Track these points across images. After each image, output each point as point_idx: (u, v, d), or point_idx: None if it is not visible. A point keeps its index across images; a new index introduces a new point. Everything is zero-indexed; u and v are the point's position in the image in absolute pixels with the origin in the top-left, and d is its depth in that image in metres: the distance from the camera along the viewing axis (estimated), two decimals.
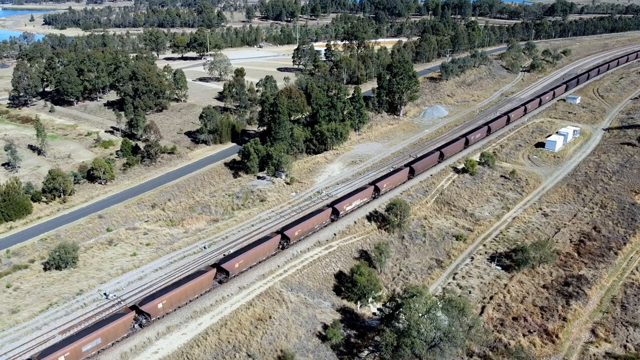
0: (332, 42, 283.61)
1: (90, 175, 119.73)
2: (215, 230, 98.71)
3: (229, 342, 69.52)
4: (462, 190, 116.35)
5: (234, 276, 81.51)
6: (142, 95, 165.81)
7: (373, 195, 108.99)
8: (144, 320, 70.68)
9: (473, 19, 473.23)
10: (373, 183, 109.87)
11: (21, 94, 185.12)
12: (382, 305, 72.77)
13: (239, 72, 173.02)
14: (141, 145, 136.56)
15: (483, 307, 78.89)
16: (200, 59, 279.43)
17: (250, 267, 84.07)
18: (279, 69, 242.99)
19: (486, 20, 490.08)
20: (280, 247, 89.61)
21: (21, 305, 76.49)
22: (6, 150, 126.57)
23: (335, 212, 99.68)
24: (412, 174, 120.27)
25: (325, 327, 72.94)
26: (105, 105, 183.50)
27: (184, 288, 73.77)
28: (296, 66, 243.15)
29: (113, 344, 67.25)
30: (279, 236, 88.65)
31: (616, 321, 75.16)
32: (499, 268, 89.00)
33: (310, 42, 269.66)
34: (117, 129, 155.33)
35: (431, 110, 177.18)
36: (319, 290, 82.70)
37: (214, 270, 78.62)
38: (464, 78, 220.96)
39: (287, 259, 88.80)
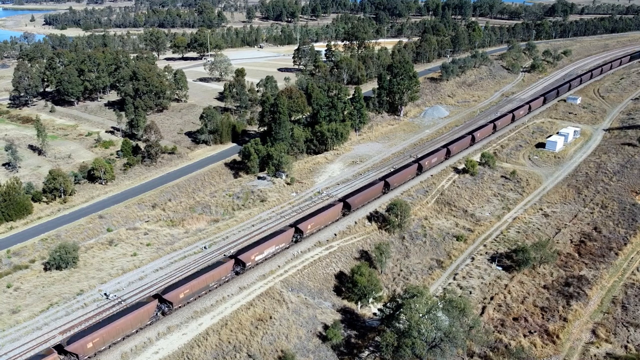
0: (332, 43, 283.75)
1: (91, 175, 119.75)
2: (215, 231, 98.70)
3: (229, 342, 69.51)
4: (462, 191, 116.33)
5: (250, 267, 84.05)
6: (142, 96, 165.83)
7: (383, 191, 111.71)
8: (166, 308, 72.76)
9: (473, 19, 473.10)
10: (383, 179, 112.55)
11: (22, 94, 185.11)
12: (383, 305, 72.73)
13: (240, 73, 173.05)
14: (142, 145, 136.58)
15: (483, 308, 78.85)
16: (201, 59, 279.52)
17: (266, 259, 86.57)
18: (280, 69, 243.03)
19: (486, 20, 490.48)
20: (294, 240, 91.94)
21: (21, 306, 76.48)
22: (7, 151, 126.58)
23: (347, 207, 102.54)
24: (419, 170, 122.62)
25: (325, 327, 72.92)
26: (105, 105, 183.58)
27: (204, 277, 76.73)
28: (297, 66, 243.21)
29: (137, 331, 69.58)
30: (293, 229, 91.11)
31: (617, 321, 75.11)
32: (500, 268, 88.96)
33: (311, 42, 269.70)
34: (118, 129, 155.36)
35: (432, 111, 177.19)
36: (319, 291, 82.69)
37: (232, 261, 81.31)
38: (465, 78, 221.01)
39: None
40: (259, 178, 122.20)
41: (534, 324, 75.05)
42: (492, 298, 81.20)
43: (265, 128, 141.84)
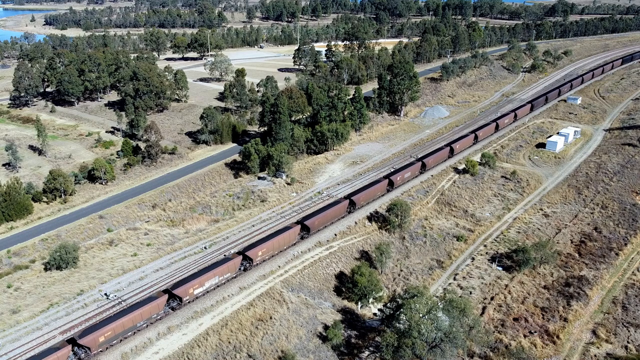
0: (332, 43, 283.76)
1: (91, 175, 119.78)
2: (216, 231, 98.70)
3: (229, 342, 69.52)
4: (462, 191, 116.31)
5: (257, 264, 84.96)
6: (142, 96, 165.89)
7: (387, 189, 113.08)
8: (176, 304, 74.12)
9: (474, 19, 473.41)
10: (387, 177, 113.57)
11: (22, 94, 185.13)
12: (383, 305, 72.74)
13: (240, 73, 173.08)
14: (142, 145, 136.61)
15: (484, 308, 78.81)
16: (201, 59, 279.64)
17: (272, 256, 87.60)
18: (280, 70, 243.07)
19: (487, 20, 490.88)
20: (300, 237, 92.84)
21: (22, 306, 76.51)
22: (7, 151, 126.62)
23: (353, 204, 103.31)
24: (423, 168, 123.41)
25: (326, 327, 72.91)
26: (106, 105, 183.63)
27: (213, 272, 77.51)
28: (297, 66, 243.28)
29: (147, 325, 70.92)
30: (299, 226, 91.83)
31: (617, 322, 75.07)
32: (500, 269, 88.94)
33: (311, 42, 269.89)
34: (118, 129, 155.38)
35: (432, 111, 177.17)
36: (319, 291, 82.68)
37: (240, 258, 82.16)
38: (465, 78, 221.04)
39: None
40: (259, 178, 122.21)
41: (534, 324, 75.03)
42: (492, 298, 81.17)
43: (266, 128, 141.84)
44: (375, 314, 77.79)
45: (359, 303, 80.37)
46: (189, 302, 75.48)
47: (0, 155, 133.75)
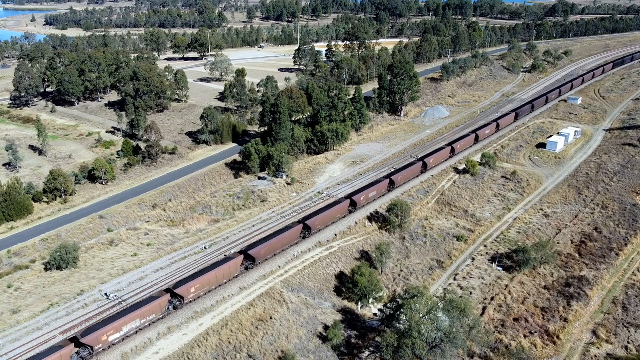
0: (333, 43, 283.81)
1: (92, 175, 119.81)
2: (216, 231, 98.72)
3: (229, 342, 69.53)
4: (463, 191, 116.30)
5: (259, 263, 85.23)
6: (143, 96, 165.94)
7: (388, 189, 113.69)
8: (178, 302, 74.26)
9: (474, 19, 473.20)
10: (388, 176, 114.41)
11: (22, 95, 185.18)
12: (383, 306, 72.72)
13: (240, 73, 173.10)
14: (142, 145, 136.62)
15: (484, 308, 78.80)
16: (202, 59, 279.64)
17: (275, 255, 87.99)
18: (280, 70, 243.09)
19: (487, 20, 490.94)
20: (302, 236, 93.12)
21: (22, 306, 76.53)
22: (7, 151, 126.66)
23: (354, 204, 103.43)
24: (424, 168, 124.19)
25: (326, 327, 72.92)
26: (106, 105, 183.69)
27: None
28: (297, 67, 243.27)
29: (150, 324, 71.17)
30: (301, 226, 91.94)
31: (617, 322, 75.06)
32: (500, 269, 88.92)
33: (312, 42, 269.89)
34: (118, 130, 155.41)
35: (432, 111, 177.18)
36: (319, 291, 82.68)
37: (242, 257, 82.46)
38: (465, 79, 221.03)
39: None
40: (259, 178, 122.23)
41: (534, 324, 75.01)
42: (492, 298, 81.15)
43: (266, 128, 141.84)
44: (375, 314, 77.77)
45: (359, 303, 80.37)
46: (190, 301, 75.40)
47: (0, 155, 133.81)
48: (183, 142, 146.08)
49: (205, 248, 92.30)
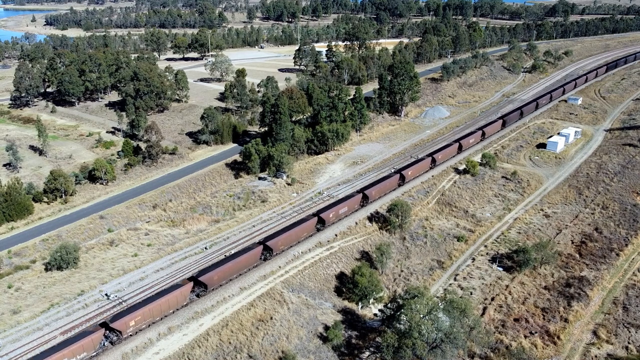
0: (333, 43, 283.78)
1: (92, 175, 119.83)
2: (216, 231, 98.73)
3: (230, 342, 69.54)
4: (463, 191, 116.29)
5: (276, 254, 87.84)
6: (143, 96, 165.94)
7: (399, 183, 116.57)
8: (201, 291, 77.05)
9: (474, 19, 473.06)
10: (399, 171, 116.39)
11: (23, 95, 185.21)
12: (384, 306, 72.69)
13: (240, 73, 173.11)
14: (142, 145, 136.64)
15: (484, 308, 78.80)
16: (202, 59, 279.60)
17: (291, 247, 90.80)
18: (280, 70, 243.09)
19: (487, 21, 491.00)
20: (317, 229, 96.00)
21: (22, 306, 76.55)
22: (7, 151, 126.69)
23: (366, 198, 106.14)
24: (433, 163, 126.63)
25: (326, 328, 72.92)
26: (106, 105, 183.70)
27: (234, 262, 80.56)
28: (297, 67, 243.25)
29: (174, 311, 73.46)
30: (316, 218, 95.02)
31: (618, 322, 75.05)
32: (500, 269, 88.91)
33: (312, 42, 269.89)
34: (119, 130, 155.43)
35: (432, 111, 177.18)
36: (320, 291, 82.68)
37: (260, 247, 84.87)
38: (465, 79, 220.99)
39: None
40: (259, 178, 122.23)
41: (534, 324, 75.01)
42: (492, 299, 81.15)
43: (266, 128, 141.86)
44: (375, 315, 77.77)
45: (360, 303, 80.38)
46: (213, 289, 77.76)
47: (1, 155, 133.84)
48: (183, 142, 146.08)
49: (206, 248, 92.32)
